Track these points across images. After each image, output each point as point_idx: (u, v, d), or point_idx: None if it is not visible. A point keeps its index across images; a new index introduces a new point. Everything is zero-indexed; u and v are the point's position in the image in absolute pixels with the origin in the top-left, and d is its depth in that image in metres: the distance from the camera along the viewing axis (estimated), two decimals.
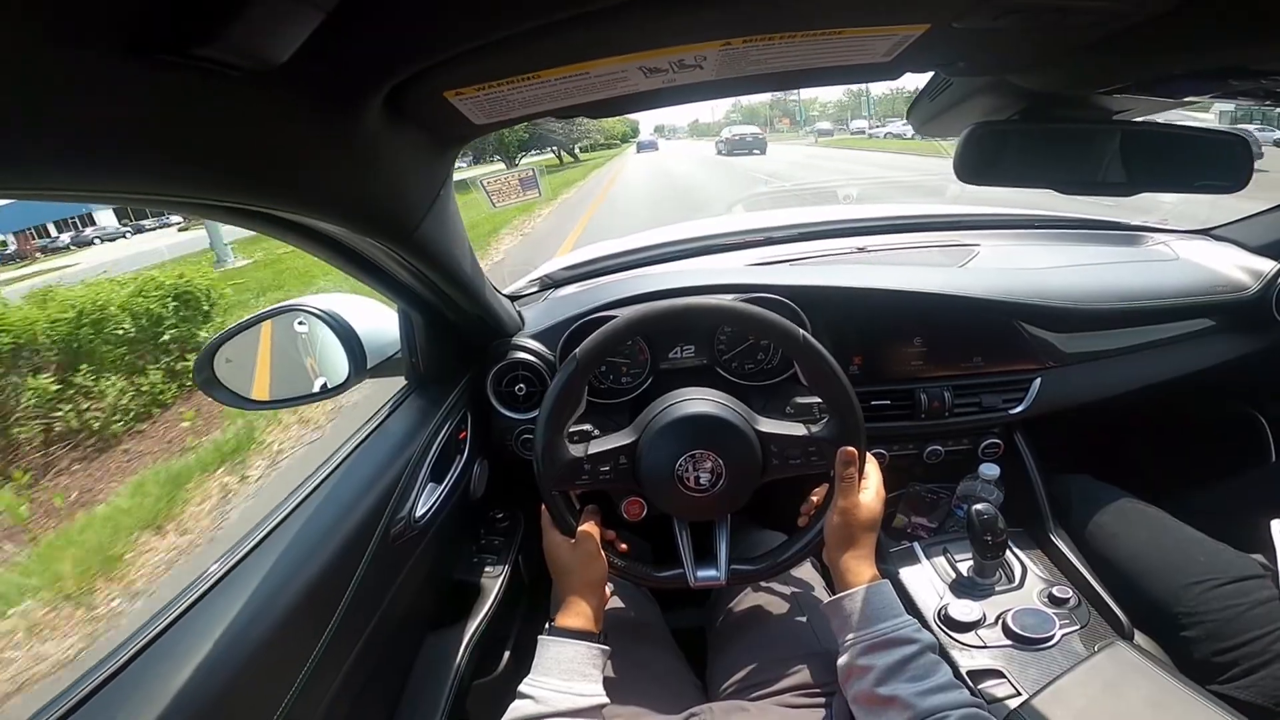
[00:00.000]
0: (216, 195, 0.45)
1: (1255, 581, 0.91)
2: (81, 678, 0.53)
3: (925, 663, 0.68)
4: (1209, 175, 0.80)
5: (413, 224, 0.69)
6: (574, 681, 0.71)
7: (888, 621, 0.71)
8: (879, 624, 0.71)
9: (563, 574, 0.84)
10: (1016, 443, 1.20)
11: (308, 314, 0.97)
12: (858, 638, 0.71)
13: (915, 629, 0.71)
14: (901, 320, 1.15)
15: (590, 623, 0.79)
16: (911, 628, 0.71)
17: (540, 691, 0.69)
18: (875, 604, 0.73)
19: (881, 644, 0.69)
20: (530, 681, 0.71)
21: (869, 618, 0.72)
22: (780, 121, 78.05)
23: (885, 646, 0.69)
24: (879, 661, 0.68)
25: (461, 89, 0.53)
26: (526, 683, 0.71)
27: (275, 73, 0.36)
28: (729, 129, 30.97)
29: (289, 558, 0.68)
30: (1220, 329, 1.25)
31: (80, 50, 0.29)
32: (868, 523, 0.80)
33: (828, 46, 0.54)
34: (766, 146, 26.71)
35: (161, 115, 0.35)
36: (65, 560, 2.79)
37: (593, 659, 0.75)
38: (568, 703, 0.69)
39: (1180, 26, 0.51)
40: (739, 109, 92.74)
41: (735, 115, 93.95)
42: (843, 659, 0.72)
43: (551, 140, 30.43)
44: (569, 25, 0.44)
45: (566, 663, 0.73)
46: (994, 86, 0.75)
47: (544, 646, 0.75)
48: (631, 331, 0.84)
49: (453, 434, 1.00)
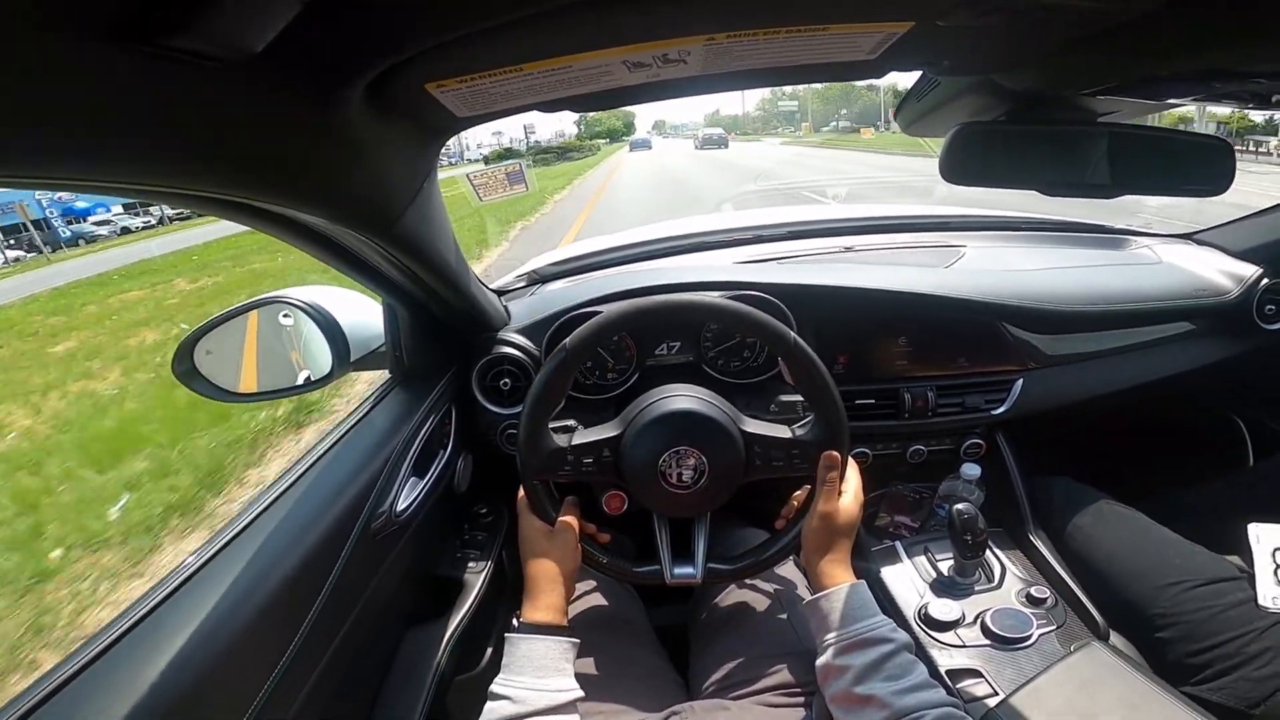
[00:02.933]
0: (193, 185, 0.45)
1: (1230, 583, 0.93)
2: (45, 674, 0.52)
3: (901, 661, 0.68)
4: (1192, 178, 0.81)
5: (394, 216, 0.68)
6: (549, 678, 0.71)
7: (864, 621, 0.72)
8: (856, 624, 0.72)
9: (536, 563, 0.83)
10: (998, 443, 1.21)
11: (291, 306, 0.96)
12: (836, 637, 0.72)
13: (891, 628, 0.72)
14: (887, 320, 1.16)
15: (559, 615, 0.79)
16: (887, 627, 0.72)
17: (516, 691, 0.69)
18: (853, 604, 0.74)
19: (858, 643, 0.70)
20: (503, 681, 0.71)
21: (846, 617, 0.73)
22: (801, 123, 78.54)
23: (862, 646, 0.70)
24: (856, 661, 0.69)
25: (444, 81, 0.52)
26: (499, 682, 0.71)
27: (252, 62, 0.35)
28: (702, 130, 45.31)
29: (266, 551, 0.68)
30: (1201, 333, 1.26)
31: (52, 38, 0.28)
32: (846, 527, 0.80)
33: (812, 43, 0.54)
34: (728, 143, 37.63)
35: (137, 104, 0.35)
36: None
37: (564, 653, 0.74)
38: (545, 700, 0.68)
39: (1166, 27, 0.51)
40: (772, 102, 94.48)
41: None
42: (821, 659, 0.73)
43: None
44: (551, 17, 0.43)
45: (539, 659, 0.73)
46: (980, 87, 0.75)
47: (514, 644, 0.74)
48: (620, 325, 0.83)
49: (436, 428, 1.00)
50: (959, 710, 0.63)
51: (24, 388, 5.80)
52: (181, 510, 2.99)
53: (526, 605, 0.80)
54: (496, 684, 0.71)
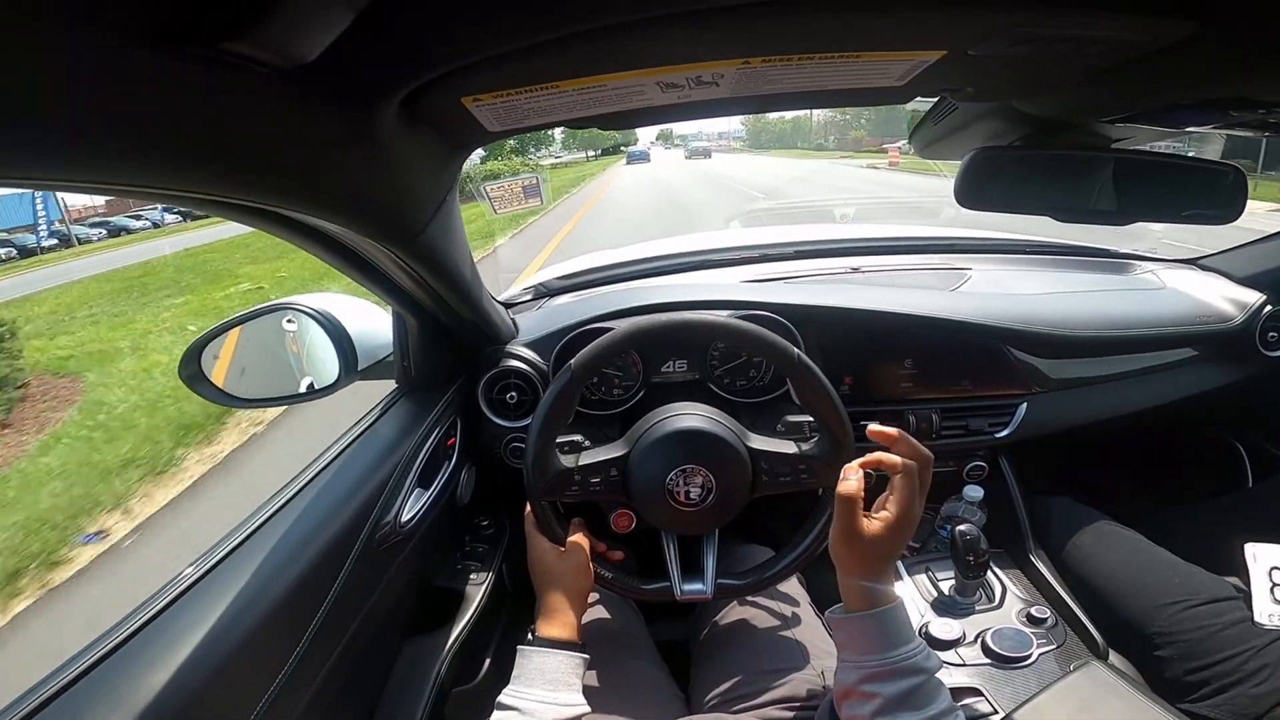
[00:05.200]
0: (224, 191, 0.45)
1: (1228, 603, 0.93)
2: (44, 680, 0.52)
3: (929, 690, 0.64)
4: (1201, 205, 0.81)
5: (418, 227, 0.68)
6: (559, 691, 0.71)
7: (900, 649, 0.65)
8: (891, 650, 0.65)
9: (549, 583, 0.83)
10: (1001, 466, 1.21)
11: (298, 312, 0.96)
12: (865, 661, 0.66)
13: (925, 656, 0.66)
14: (893, 342, 1.16)
15: (573, 632, 0.79)
16: (922, 655, 0.65)
17: (525, 703, 0.69)
18: (890, 629, 0.66)
19: (889, 672, 0.64)
20: (512, 692, 0.71)
21: (882, 643, 0.66)
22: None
23: (894, 675, 0.64)
24: (886, 690, 0.64)
25: (480, 95, 0.52)
26: (508, 693, 0.71)
27: (301, 70, 0.35)
28: (690, 143, 54.88)
29: (271, 560, 0.67)
30: (1204, 359, 1.27)
31: (104, 39, 0.28)
32: (897, 544, 0.69)
33: (844, 69, 0.55)
34: (711, 154, 48.14)
35: (180, 108, 0.35)
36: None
37: (575, 668, 0.75)
38: (553, 713, 0.68)
39: (1190, 57, 0.52)
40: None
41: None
42: (846, 678, 0.67)
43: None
44: (592, 37, 0.44)
45: (550, 673, 0.73)
46: (997, 112, 0.76)
47: (526, 657, 0.75)
48: (627, 344, 0.83)
49: (442, 440, 1.00)
50: None
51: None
52: None
53: (542, 621, 0.80)
54: (506, 694, 0.71)
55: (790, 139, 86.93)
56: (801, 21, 0.46)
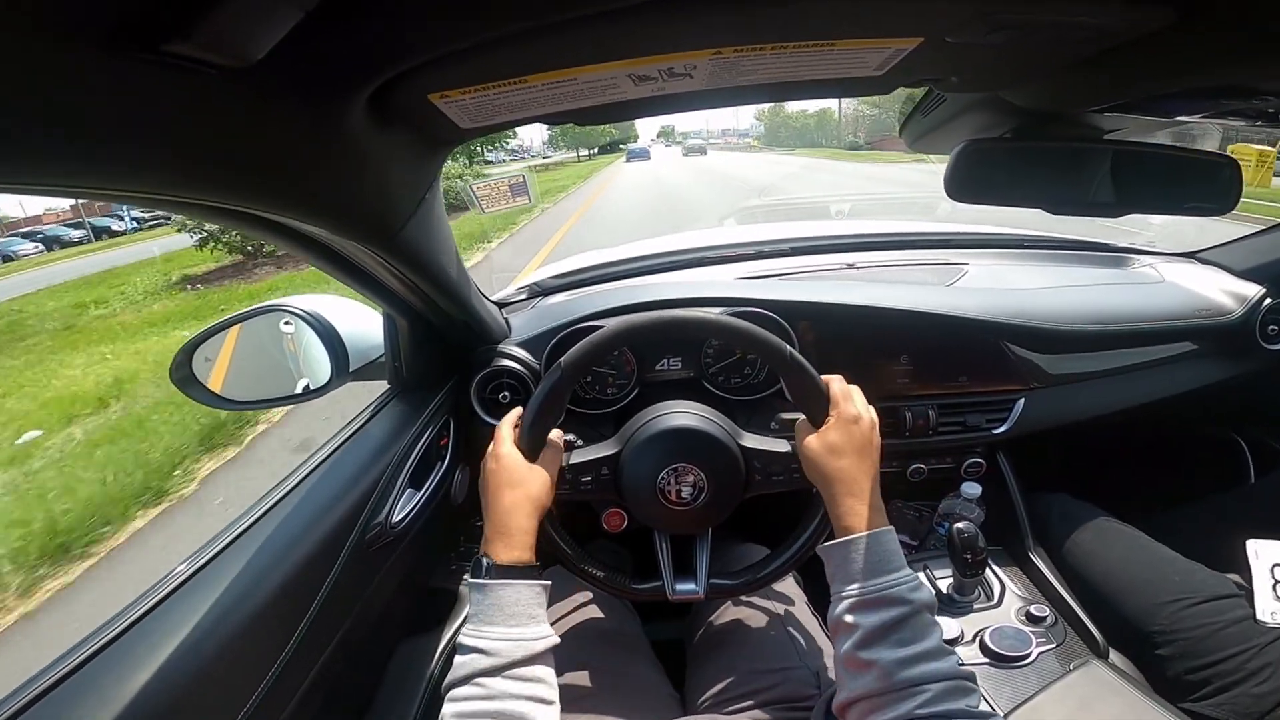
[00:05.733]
0: (193, 193, 0.44)
1: (1229, 600, 0.92)
2: (31, 679, 0.52)
3: (916, 625, 0.61)
4: (1198, 197, 0.81)
5: (396, 227, 0.68)
6: (524, 626, 0.64)
7: (883, 576, 0.63)
8: (874, 578, 0.63)
9: (507, 492, 0.72)
10: (999, 462, 1.20)
11: (291, 314, 0.96)
12: (849, 590, 0.64)
13: (911, 587, 0.63)
14: (888, 338, 1.15)
15: (530, 553, 0.70)
16: (906, 585, 0.63)
17: (489, 643, 0.62)
18: (874, 554, 0.65)
19: (871, 601, 0.62)
20: (472, 632, 0.63)
21: (865, 569, 0.64)
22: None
23: (875, 605, 0.62)
24: (865, 620, 0.61)
25: (447, 92, 0.52)
26: (468, 633, 0.63)
27: (253, 70, 0.35)
28: (687, 141, 60.72)
29: (260, 559, 0.67)
30: (1203, 353, 1.26)
31: (53, 44, 0.28)
32: (865, 450, 0.72)
33: (820, 59, 0.54)
34: (707, 150, 51.69)
35: (137, 111, 0.35)
36: None
37: (537, 597, 0.67)
38: (522, 650, 0.62)
39: (1175, 45, 0.51)
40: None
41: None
42: (833, 611, 0.66)
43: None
44: (557, 29, 0.43)
45: (510, 607, 0.65)
46: (987, 104, 0.75)
47: (482, 592, 0.65)
48: (619, 341, 0.83)
49: (434, 440, 0.99)
50: (969, 683, 0.58)
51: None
52: None
53: (495, 543, 0.69)
54: (465, 635, 0.64)
55: (814, 136, 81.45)
56: (771, 8, 0.45)
